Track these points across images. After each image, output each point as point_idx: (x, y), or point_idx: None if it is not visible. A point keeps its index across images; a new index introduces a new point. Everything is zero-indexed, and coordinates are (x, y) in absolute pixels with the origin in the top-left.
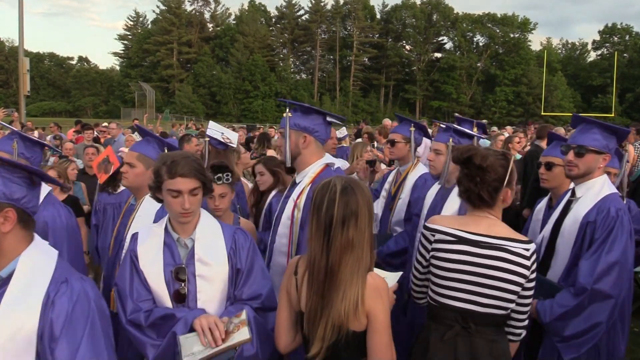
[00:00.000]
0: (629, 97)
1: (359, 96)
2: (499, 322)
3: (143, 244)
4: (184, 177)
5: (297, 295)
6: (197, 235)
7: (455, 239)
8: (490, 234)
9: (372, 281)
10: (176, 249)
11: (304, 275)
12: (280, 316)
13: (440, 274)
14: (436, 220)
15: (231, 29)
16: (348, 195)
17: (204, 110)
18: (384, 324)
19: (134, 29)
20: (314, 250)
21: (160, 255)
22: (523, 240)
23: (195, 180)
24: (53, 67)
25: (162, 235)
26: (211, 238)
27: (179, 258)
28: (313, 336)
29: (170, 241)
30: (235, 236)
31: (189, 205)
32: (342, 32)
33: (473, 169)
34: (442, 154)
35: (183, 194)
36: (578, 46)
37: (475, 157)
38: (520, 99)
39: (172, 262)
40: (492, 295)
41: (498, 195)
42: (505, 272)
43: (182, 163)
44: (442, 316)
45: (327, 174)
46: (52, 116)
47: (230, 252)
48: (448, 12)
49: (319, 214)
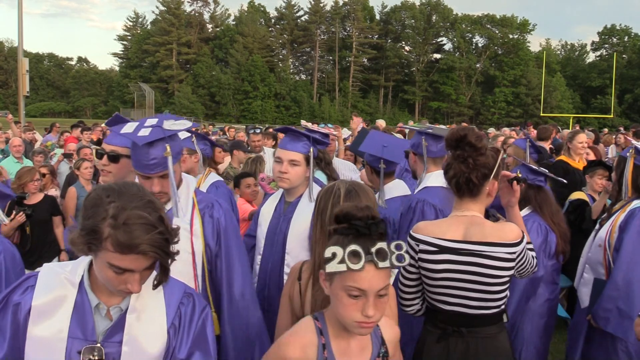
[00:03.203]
0: (627, 98)
1: (358, 97)
2: (492, 319)
3: (41, 297)
4: (140, 254)
5: (300, 301)
6: (131, 303)
7: (437, 249)
8: (471, 240)
9: None
10: (91, 319)
11: (308, 280)
12: (282, 323)
13: (429, 282)
14: (420, 229)
15: (230, 30)
16: (352, 199)
17: (203, 110)
18: None
19: (133, 29)
20: (319, 255)
21: (65, 324)
22: (507, 244)
23: (152, 257)
24: (52, 67)
25: (72, 293)
26: (149, 310)
27: (93, 333)
28: None
29: (84, 305)
30: (181, 307)
31: (139, 288)
32: (341, 32)
33: (467, 149)
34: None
35: (133, 273)
36: (577, 47)
37: (470, 136)
38: (519, 100)
39: (81, 338)
40: (479, 298)
41: (485, 184)
42: (487, 277)
43: (139, 228)
44: (436, 319)
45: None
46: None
47: (170, 331)
48: (447, 13)
49: (323, 218)
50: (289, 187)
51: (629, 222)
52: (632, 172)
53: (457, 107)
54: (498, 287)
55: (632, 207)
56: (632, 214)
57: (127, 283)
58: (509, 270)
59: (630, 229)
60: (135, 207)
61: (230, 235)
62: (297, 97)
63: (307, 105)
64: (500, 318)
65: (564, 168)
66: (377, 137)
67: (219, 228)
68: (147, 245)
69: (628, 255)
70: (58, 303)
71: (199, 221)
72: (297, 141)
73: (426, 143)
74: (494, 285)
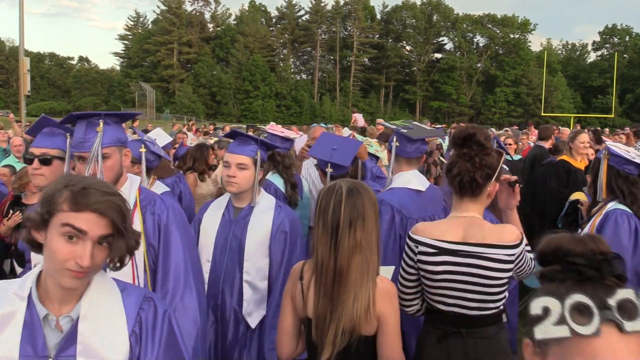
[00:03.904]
0: (629, 98)
1: (359, 96)
2: (492, 319)
3: None
4: (96, 213)
5: (302, 301)
6: (82, 311)
7: (436, 251)
8: (470, 241)
9: (381, 284)
10: (42, 333)
11: (310, 280)
12: (284, 323)
13: (428, 284)
14: (419, 230)
15: (231, 29)
16: (354, 198)
17: (204, 110)
18: (395, 327)
19: (134, 29)
20: (321, 254)
21: (16, 342)
22: (506, 245)
23: (109, 223)
24: (53, 67)
25: (21, 308)
26: (105, 317)
27: (44, 349)
28: (323, 342)
29: (33, 319)
30: (141, 313)
31: (89, 261)
32: (342, 32)
33: (475, 147)
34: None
35: (86, 240)
36: (578, 47)
37: (479, 135)
38: (520, 99)
39: (31, 355)
40: (478, 299)
41: (488, 185)
42: (486, 279)
43: (97, 192)
44: (436, 320)
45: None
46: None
47: (131, 339)
48: (448, 13)
49: (325, 217)
50: (237, 191)
51: (604, 224)
52: (606, 174)
53: (458, 107)
54: (497, 289)
55: (607, 210)
56: (607, 217)
57: (77, 256)
58: (507, 272)
59: (606, 232)
60: (95, 182)
61: (172, 231)
62: (298, 96)
63: (308, 104)
64: (499, 318)
65: (565, 168)
66: (326, 140)
67: (159, 224)
68: (102, 204)
69: None
70: (6, 320)
71: (139, 218)
72: (244, 145)
73: (397, 143)
74: (493, 286)
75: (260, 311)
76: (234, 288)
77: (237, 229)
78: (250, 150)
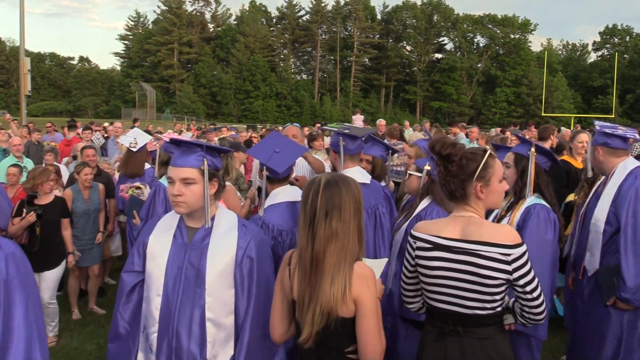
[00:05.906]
0: (629, 98)
1: (359, 97)
2: (489, 321)
3: None
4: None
5: (290, 284)
6: None
7: (432, 246)
8: (466, 238)
9: (359, 269)
10: None
11: (295, 265)
12: (275, 305)
13: (425, 280)
14: (419, 227)
15: (232, 30)
16: (331, 189)
17: (205, 110)
18: (372, 309)
19: (134, 29)
20: (301, 241)
21: None
22: (502, 245)
23: None
24: (54, 67)
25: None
26: None
27: None
28: (303, 322)
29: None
30: None
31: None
32: (342, 32)
33: (439, 160)
34: None
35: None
36: (578, 47)
37: (436, 146)
38: (520, 99)
39: None
40: (473, 298)
41: (468, 188)
42: (480, 277)
43: None
44: (434, 318)
45: None
46: (52, 116)
47: None
48: (448, 13)
49: (305, 207)
50: (187, 211)
51: (526, 219)
52: (534, 171)
53: (458, 107)
54: (493, 289)
55: (527, 205)
56: (529, 212)
57: None
58: (504, 273)
59: (529, 227)
60: None
61: (14, 288)
62: (298, 96)
63: (309, 105)
64: (498, 320)
65: (566, 168)
66: (271, 142)
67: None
68: None
69: (531, 254)
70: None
71: None
72: (188, 154)
73: (344, 142)
74: (488, 286)
75: (228, 350)
76: (192, 327)
77: (194, 256)
78: (195, 160)
